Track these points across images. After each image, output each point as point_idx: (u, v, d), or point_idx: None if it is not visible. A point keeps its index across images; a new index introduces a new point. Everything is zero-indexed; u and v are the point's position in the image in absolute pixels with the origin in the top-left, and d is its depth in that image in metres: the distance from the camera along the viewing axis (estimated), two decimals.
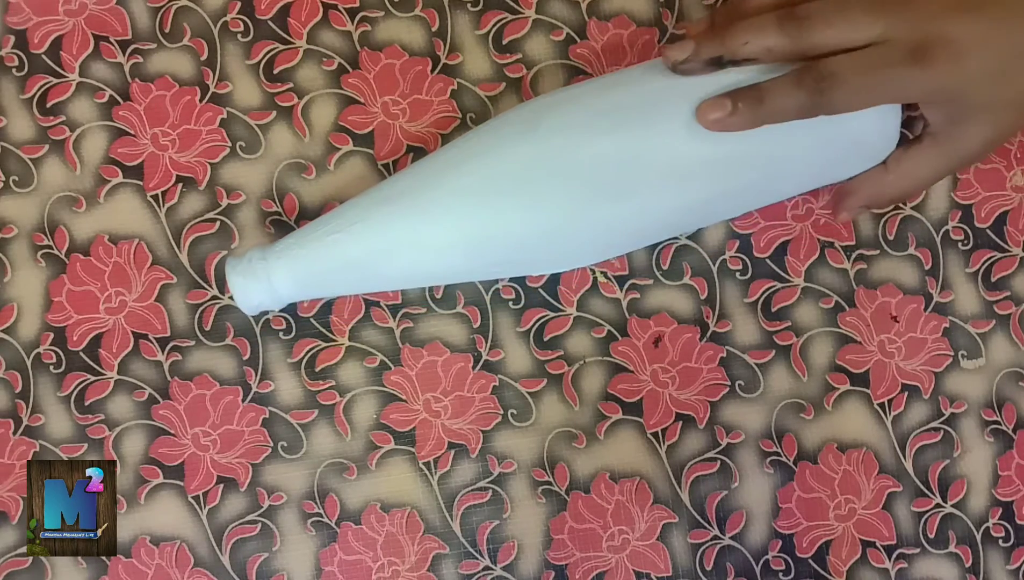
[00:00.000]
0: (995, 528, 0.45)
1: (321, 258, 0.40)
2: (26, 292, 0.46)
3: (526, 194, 0.39)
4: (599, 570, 0.45)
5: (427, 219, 0.40)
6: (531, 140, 0.39)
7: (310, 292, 0.42)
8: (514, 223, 0.39)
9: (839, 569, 0.45)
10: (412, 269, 0.41)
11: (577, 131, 0.39)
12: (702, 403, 0.45)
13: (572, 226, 0.40)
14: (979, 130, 0.39)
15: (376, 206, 0.40)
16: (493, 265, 0.42)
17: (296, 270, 0.41)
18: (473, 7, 0.47)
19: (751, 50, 0.38)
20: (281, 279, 0.41)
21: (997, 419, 0.45)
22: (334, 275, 0.41)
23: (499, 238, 0.40)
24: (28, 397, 0.45)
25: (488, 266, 0.42)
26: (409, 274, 0.42)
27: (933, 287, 0.46)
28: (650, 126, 0.39)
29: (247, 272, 0.40)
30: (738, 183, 0.40)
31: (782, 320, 0.46)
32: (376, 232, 0.40)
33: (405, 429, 0.45)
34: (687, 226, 0.44)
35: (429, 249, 0.40)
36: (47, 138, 0.46)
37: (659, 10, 0.47)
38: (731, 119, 0.37)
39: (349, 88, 0.47)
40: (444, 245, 0.40)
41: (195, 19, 0.47)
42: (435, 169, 0.40)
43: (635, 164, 0.39)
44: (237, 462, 0.45)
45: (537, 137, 0.39)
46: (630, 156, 0.39)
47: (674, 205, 0.40)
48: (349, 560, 0.45)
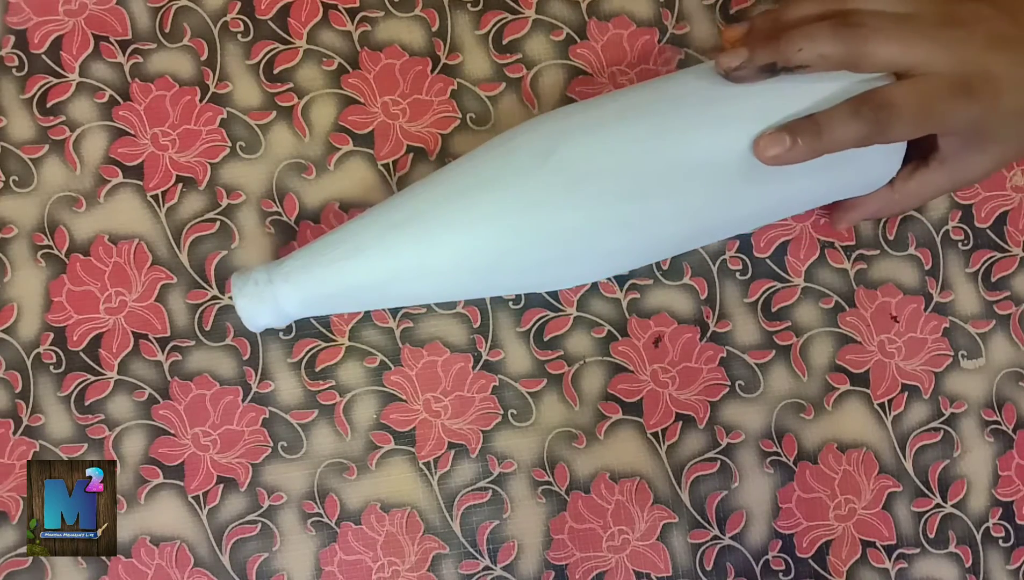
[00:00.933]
0: (995, 528, 0.45)
1: (328, 283, 0.40)
2: (26, 292, 0.46)
3: (537, 222, 0.39)
4: (599, 570, 0.45)
5: (436, 246, 0.39)
6: (545, 169, 0.38)
7: (315, 311, 0.42)
8: (525, 249, 0.39)
9: (839, 569, 0.45)
10: (420, 292, 0.41)
11: (588, 161, 0.38)
12: (702, 403, 0.45)
13: (584, 250, 0.40)
14: (987, 159, 0.40)
15: (384, 232, 0.40)
16: (501, 287, 0.42)
17: (303, 294, 0.41)
18: (473, 7, 0.47)
19: (805, 57, 0.37)
20: (287, 302, 0.41)
21: (997, 419, 0.45)
22: (341, 298, 0.41)
23: (509, 264, 0.40)
24: (28, 397, 0.45)
25: (496, 288, 0.42)
26: (417, 296, 0.42)
27: (933, 287, 0.46)
28: (663, 153, 0.38)
29: (253, 295, 0.40)
30: (747, 210, 0.41)
31: (782, 320, 0.46)
32: (384, 259, 0.40)
33: (405, 429, 0.45)
34: (686, 247, 0.44)
35: (437, 274, 0.40)
36: (47, 138, 0.46)
37: (659, 10, 0.47)
38: (790, 154, 0.37)
39: (349, 88, 0.47)
40: (452, 270, 0.40)
41: (195, 19, 0.47)
42: (444, 193, 0.40)
43: (646, 186, 0.39)
44: (237, 462, 0.45)
45: (550, 168, 0.38)
46: (642, 180, 0.38)
47: (678, 231, 0.40)
48: (349, 560, 0.45)
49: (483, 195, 0.39)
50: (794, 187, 0.40)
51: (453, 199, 0.39)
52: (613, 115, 0.39)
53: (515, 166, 0.39)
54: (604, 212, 0.39)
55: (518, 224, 0.39)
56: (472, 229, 0.39)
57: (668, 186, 0.38)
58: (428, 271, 0.40)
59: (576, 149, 0.38)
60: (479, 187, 0.39)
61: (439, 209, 0.39)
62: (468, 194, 0.39)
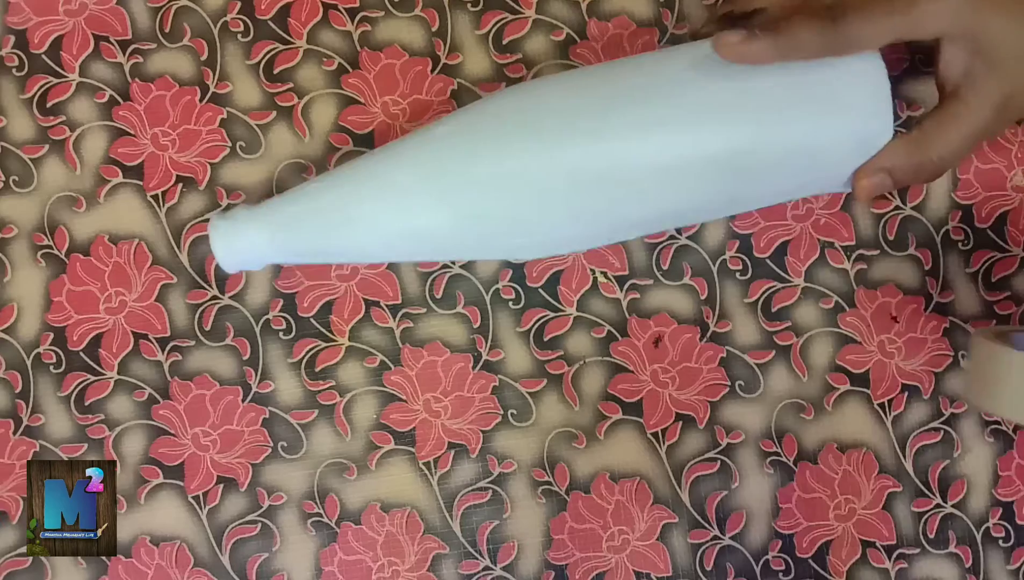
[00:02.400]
0: (995, 528, 0.45)
1: (295, 202, 0.40)
2: (26, 292, 0.46)
3: (497, 137, 0.38)
4: (599, 570, 0.45)
5: (398, 163, 0.39)
6: (508, 92, 0.40)
7: (285, 242, 0.41)
8: (484, 165, 0.38)
9: (839, 569, 0.45)
10: (383, 217, 0.39)
11: (556, 81, 0.40)
12: (702, 403, 0.45)
13: (545, 178, 0.38)
14: (995, 87, 0.37)
15: (358, 161, 0.41)
16: (467, 220, 0.39)
17: (272, 216, 0.40)
18: (473, 7, 0.47)
19: None
20: (257, 225, 0.40)
21: (998, 419, 0.45)
22: (307, 221, 0.40)
23: (466, 184, 0.39)
24: (28, 397, 0.45)
25: (463, 223, 0.39)
26: (381, 223, 0.40)
27: (933, 287, 0.46)
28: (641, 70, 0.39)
29: (227, 216, 0.41)
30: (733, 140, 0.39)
31: (782, 320, 0.46)
32: (350, 177, 0.40)
33: (405, 429, 0.45)
34: (664, 219, 0.42)
35: (397, 190, 0.39)
36: (47, 138, 0.46)
37: (659, 10, 0.47)
38: (747, 46, 0.36)
39: (349, 88, 0.47)
40: (413, 187, 0.39)
41: (195, 19, 0.47)
42: (417, 129, 0.41)
43: (611, 104, 0.38)
44: (237, 462, 0.45)
45: (515, 92, 0.40)
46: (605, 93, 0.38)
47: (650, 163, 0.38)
48: (349, 560, 0.45)
49: (448, 117, 0.40)
50: (780, 135, 0.39)
51: (418, 130, 0.40)
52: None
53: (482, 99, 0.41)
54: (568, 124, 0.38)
55: (476, 132, 0.39)
56: (431, 143, 0.39)
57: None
58: (387, 186, 0.39)
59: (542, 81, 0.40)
60: (445, 118, 0.40)
61: (405, 139, 0.40)
62: (434, 122, 0.40)
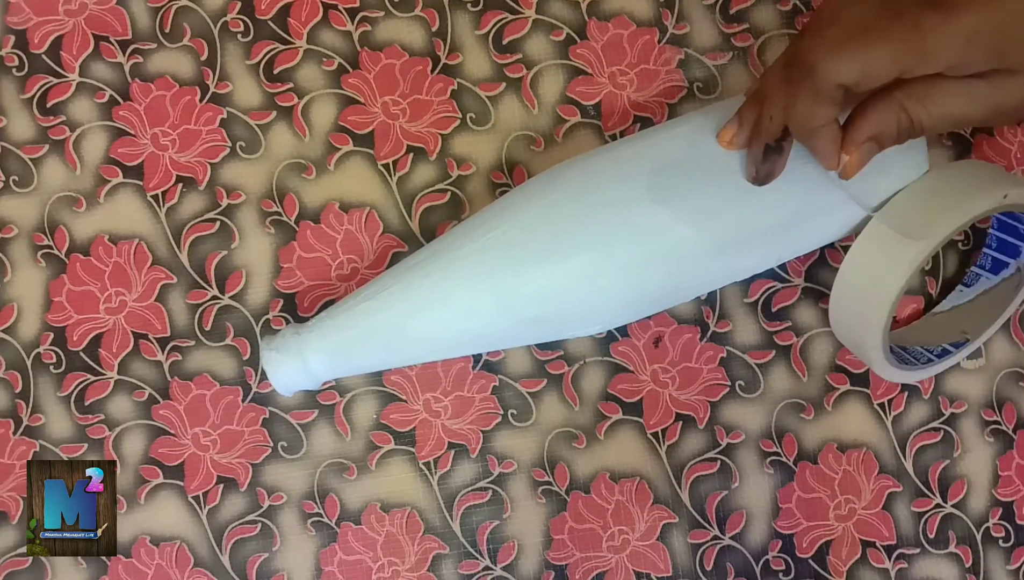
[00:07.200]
0: (995, 528, 0.45)
1: (351, 326, 0.40)
2: (26, 292, 0.46)
3: (551, 242, 0.39)
4: (599, 570, 0.45)
5: (453, 274, 0.39)
6: (553, 188, 0.40)
7: (343, 364, 0.42)
8: (541, 274, 0.39)
9: (839, 569, 0.45)
10: (441, 329, 0.40)
11: (596, 177, 0.39)
12: (702, 403, 0.45)
13: (600, 273, 0.39)
14: None
15: (406, 271, 0.40)
16: (524, 323, 0.41)
17: (328, 340, 0.40)
18: (473, 7, 0.47)
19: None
20: (313, 352, 0.40)
21: (997, 419, 0.45)
22: (365, 342, 0.41)
23: (527, 290, 0.39)
24: (28, 397, 0.45)
25: (519, 325, 0.41)
26: (439, 335, 0.41)
27: (932, 287, 0.46)
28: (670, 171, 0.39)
29: (280, 347, 0.40)
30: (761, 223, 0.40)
31: (782, 320, 0.46)
32: (404, 293, 0.40)
33: (405, 429, 0.45)
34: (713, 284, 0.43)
35: (456, 304, 0.40)
36: (47, 138, 0.46)
37: (659, 10, 0.47)
38: (740, 133, 0.38)
39: (349, 88, 0.47)
40: (471, 300, 0.40)
41: (195, 19, 0.47)
42: (463, 230, 0.41)
43: (661, 206, 0.39)
44: (237, 462, 0.45)
45: (558, 186, 0.40)
46: (656, 199, 0.39)
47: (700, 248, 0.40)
48: (349, 560, 0.45)
49: (497, 220, 0.40)
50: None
51: (469, 232, 0.40)
52: (617, 144, 0.41)
53: (526, 192, 0.41)
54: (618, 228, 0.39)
55: (533, 240, 0.39)
56: (488, 253, 0.40)
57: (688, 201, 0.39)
58: (447, 301, 0.40)
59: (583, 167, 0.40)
60: (494, 216, 0.40)
61: (457, 242, 0.40)
62: (484, 224, 0.40)
